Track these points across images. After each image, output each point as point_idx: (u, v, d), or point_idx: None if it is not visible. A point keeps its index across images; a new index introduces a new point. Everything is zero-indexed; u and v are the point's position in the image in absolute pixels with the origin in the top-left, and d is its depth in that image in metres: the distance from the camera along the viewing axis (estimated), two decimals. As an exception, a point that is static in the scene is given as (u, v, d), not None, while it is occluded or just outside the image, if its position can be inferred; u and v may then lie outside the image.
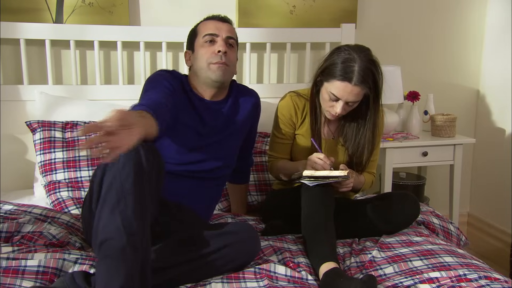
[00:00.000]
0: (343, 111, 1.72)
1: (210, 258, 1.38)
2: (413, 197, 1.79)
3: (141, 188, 1.25)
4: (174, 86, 1.64)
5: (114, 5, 2.28)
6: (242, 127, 1.81)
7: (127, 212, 1.21)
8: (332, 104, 1.72)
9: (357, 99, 1.69)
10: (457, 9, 2.83)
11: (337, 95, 1.68)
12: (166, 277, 1.34)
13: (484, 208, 2.98)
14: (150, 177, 1.29)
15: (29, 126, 2.05)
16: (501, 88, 2.80)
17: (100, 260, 1.21)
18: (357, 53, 1.65)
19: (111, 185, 1.24)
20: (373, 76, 1.67)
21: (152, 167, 1.29)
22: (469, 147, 2.98)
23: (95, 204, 1.32)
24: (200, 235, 1.43)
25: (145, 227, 1.26)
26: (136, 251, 1.20)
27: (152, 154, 1.31)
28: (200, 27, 1.73)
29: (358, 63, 1.64)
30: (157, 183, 1.36)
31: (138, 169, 1.25)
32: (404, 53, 2.78)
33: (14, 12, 2.17)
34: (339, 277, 1.38)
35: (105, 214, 1.22)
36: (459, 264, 1.44)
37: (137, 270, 1.20)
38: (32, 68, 2.25)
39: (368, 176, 1.90)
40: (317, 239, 1.54)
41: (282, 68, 2.58)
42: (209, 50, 1.66)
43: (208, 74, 1.67)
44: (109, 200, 1.23)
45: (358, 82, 1.64)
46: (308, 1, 2.53)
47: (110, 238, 1.20)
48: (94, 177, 1.40)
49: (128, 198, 1.22)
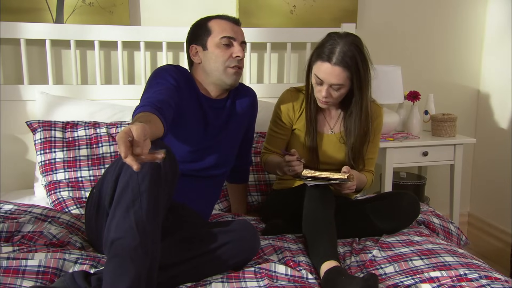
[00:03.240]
0: (328, 95, 1.73)
1: (212, 256, 1.38)
2: (413, 197, 1.79)
3: (157, 190, 1.25)
4: (179, 82, 1.62)
5: (114, 5, 2.28)
6: (241, 125, 1.82)
7: (142, 212, 1.21)
8: (319, 89, 1.74)
9: (339, 81, 1.69)
10: (457, 9, 2.83)
11: (319, 76, 1.71)
12: (169, 275, 1.34)
13: (485, 208, 2.98)
14: (166, 179, 1.29)
15: (30, 126, 2.05)
16: (501, 88, 2.80)
17: (110, 258, 1.21)
18: (342, 38, 1.69)
19: (127, 185, 1.23)
20: (355, 60, 1.67)
21: (168, 170, 1.29)
22: (469, 147, 2.98)
23: (108, 202, 1.31)
24: (201, 233, 1.43)
25: (157, 228, 1.26)
26: (147, 252, 1.20)
27: (169, 156, 1.30)
28: (214, 25, 1.69)
29: (340, 46, 1.67)
30: (171, 186, 1.36)
31: (155, 170, 1.25)
32: (404, 53, 2.78)
33: (14, 12, 2.17)
34: (340, 275, 1.38)
35: (119, 213, 1.22)
36: (459, 264, 1.44)
37: (145, 271, 1.20)
38: (33, 68, 2.25)
39: (368, 175, 1.90)
40: (318, 238, 1.54)
41: (282, 68, 2.58)
42: (227, 53, 1.66)
43: (223, 77, 1.68)
44: (124, 200, 1.22)
45: (338, 61, 1.66)
46: (309, 1, 2.53)
47: (122, 237, 1.19)
48: (105, 176, 1.40)
49: (143, 199, 1.22)
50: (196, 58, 1.71)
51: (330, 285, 1.38)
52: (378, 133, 1.89)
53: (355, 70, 1.68)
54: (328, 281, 1.39)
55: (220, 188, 1.85)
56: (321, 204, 1.60)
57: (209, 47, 1.67)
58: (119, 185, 1.26)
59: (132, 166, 1.07)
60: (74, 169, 1.97)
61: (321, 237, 1.54)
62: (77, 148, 2.01)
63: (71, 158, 1.99)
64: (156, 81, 1.59)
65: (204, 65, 1.69)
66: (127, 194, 1.23)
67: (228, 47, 1.67)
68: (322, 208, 1.59)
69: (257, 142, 2.18)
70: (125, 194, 1.23)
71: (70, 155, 1.99)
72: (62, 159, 1.98)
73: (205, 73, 1.70)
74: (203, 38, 1.69)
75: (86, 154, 2.01)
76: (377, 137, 1.89)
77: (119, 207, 1.23)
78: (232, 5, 2.46)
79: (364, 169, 1.89)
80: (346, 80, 1.70)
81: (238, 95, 1.81)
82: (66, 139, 2.03)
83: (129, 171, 1.24)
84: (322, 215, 1.58)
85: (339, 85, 1.71)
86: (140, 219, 1.21)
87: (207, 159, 1.70)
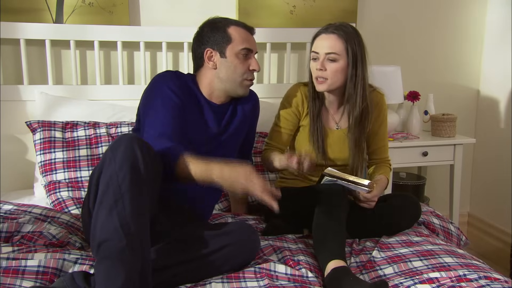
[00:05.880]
0: (323, 67, 1.72)
1: (211, 258, 1.38)
2: (414, 199, 1.79)
3: (139, 189, 1.25)
4: (180, 95, 1.61)
5: (114, 5, 2.28)
6: (242, 127, 1.81)
7: (125, 212, 1.21)
8: (315, 65, 1.75)
9: (333, 48, 1.70)
10: (457, 9, 2.83)
11: (315, 49, 1.74)
12: (167, 276, 1.33)
13: (484, 208, 2.98)
14: (147, 177, 1.28)
15: (29, 126, 2.05)
16: (501, 88, 2.80)
17: (99, 261, 1.21)
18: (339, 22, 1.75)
19: (108, 186, 1.23)
20: (351, 35, 1.71)
21: (149, 167, 1.28)
22: (469, 147, 2.98)
23: (92, 204, 1.31)
24: (201, 235, 1.43)
25: (144, 228, 1.25)
26: (135, 252, 1.20)
27: (149, 154, 1.30)
28: (235, 33, 1.66)
29: (337, 23, 1.74)
30: (155, 182, 1.35)
31: (135, 169, 1.24)
32: (404, 53, 2.78)
33: (14, 12, 2.17)
34: (347, 275, 1.37)
35: (102, 215, 1.22)
36: (459, 265, 1.44)
37: (136, 271, 1.19)
38: (32, 68, 2.25)
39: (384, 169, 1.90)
40: (329, 237, 1.52)
41: (282, 68, 2.58)
42: (245, 65, 1.67)
43: (237, 88, 1.69)
44: (106, 201, 1.22)
45: (333, 30, 1.71)
46: (308, 1, 2.53)
47: (108, 239, 1.19)
48: (91, 177, 1.40)
49: (125, 199, 1.22)
50: (211, 63, 1.67)
51: (334, 284, 1.37)
52: (384, 120, 1.89)
53: (351, 43, 1.70)
54: (333, 279, 1.38)
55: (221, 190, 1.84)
56: (337, 203, 1.60)
57: (228, 56, 1.65)
58: (100, 186, 1.25)
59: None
60: (74, 169, 1.97)
61: (332, 236, 1.52)
62: (77, 148, 2.01)
63: (71, 158, 1.99)
64: (160, 101, 1.57)
65: (219, 72, 1.67)
66: (108, 195, 1.22)
67: (246, 59, 1.67)
68: (337, 208, 1.59)
69: (257, 142, 2.18)
70: (107, 195, 1.23)
71: (70, 155, 1.99)
72: (62, 159, 1.98)
73: (218, 79, 1.68)
74: (221, 45, 1.65)
75: (86, 154, 2.01)
76: (384, 124, 1.89)
77: (101, 209, 1.23)
78: (232, 5, 2.46)
79: (380, 160, 1.92)
80: (342, 51, 1.71)
81: (240, 99, 1.80)
82: (66, 139, 2.03)
83: (109, 171, 1.24)
84: (335, 215, 1.57)
85: (334, 54, 1.70)
86: (124, 220, 1.20)
87: None
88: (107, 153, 1.29)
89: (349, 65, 1.72)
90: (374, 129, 1.89)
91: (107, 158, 1.27)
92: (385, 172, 1.89)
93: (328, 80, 1.74)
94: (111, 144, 1.31)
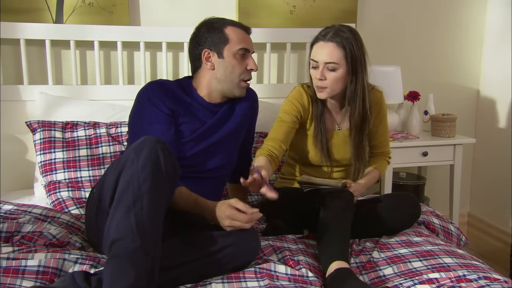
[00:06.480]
0: (323, 77, 1.72)
1: (213, 258, 1.38)
2: (414, 199, 1.79)
3: (158, 192, 1.25)
4: (169, 105, 1.63)
5: (114, 5, 2.28)
6: (241, 126, 1.81)
7: (142, 214, 1.21)
8: (315, 73, 1.75)
9: (332, 58, 1.70)
10: (457, 9, 2.83)
11: (314, 57, 1.74)
12: (169, 276, 1.33)
13: (484, 208, 2.98)
14: (167, 180, 1.29)
15: (29, 126, 2.05)
16: (501, 88, 2.80)
17: (109, 259, 1.20)
18: (338, 25, 1.74)
19: (128, 185, 1.23)
20: (349, 40, 1.69)
21: (169, 172, 1.29)
22: (469, 147, 2.98)
23: (108, 202, 1.30)
24: (203, 235, 1.43)
25: (158, 230, 1.25)
26: (147, 254, 1.20)
27: (170, 158, 1.31)
28: (231, 33, 1.66)
29: (335, 28, 1.72)
30: (173, 185, 1.36)
31: (157, 172, 1.25)
32: (404, 53, 2.78)
33: (14, 12, 2.17)
34: (351, 278, 1.37)
35: (119, 214, 1.22)
36: (458, 265, 1.44)
37: (145, 272, 1.19)
38: (32, 68, 2.25)
39: (381, 164, 1.94)
40: (334, 238, 1.52)
41: (282, 68, 2.58)
42: (243, 65, 1.68)
43: (234, 89, 1.70)
44: (125, 200, 1.22)
45: (331, 38, 1.70)
46: (308, 1, 2.53)
47: (122, 238, 1.19)
48: (105, 177, 1.40)
49: (144, 200, 1.22)
50: (209, 64, 1.68)
51: (336, 284, 1.37)
52: (384, 117, 1.91)
53: (350, 50, 1.69)
54: (336, 280, 1.38)
55: (222, 189, 1.85)
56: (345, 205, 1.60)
57: (226, 57, 1.66)
58: (120, 185, 1.26)
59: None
60: (74, 169, 1.97)
61: (336, 237, 1.52)
62: (77, 148, 2.01)
63: (71, 158, 1.99)
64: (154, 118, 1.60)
65: (216, 73, 1.68)
66: (127, 195, 1.23)
67: (244, 59, 1.68)
68: (345, 208, 1.59)
69: (257, 142, 2.17)
70: (126, 195, 1.23)
71: (70, 155, 1.99)
72: (62, 159, 1.98)
73: (215, 79, 1.69)
74: (219, 45, 1.66)
75: (86, 154, 2.01)
76: (384, 121, 1.91)
77: (119, 208, 1.23)
78: (232, 5, 2.46)
79: (380, 153, 1.95)
80: (341, 59, 1.70)
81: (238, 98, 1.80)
82: (66, 139, 2.03)
83: (130, 171, 1.25)
84: (341, 217, 1.57)
85: (333, 63, 1.70)
86: (140, 221, 1.20)
87: (206, 161, 1.70)
88: (129, 154, 1.29)
89: (348, 71, 1.73)
90: (375, 126, 1.90)
91: (129, 158, 1.27)
92: (381, 165, 1.95)
93: (328, 89, 1.75)
94: (134, 145, 1.31)
